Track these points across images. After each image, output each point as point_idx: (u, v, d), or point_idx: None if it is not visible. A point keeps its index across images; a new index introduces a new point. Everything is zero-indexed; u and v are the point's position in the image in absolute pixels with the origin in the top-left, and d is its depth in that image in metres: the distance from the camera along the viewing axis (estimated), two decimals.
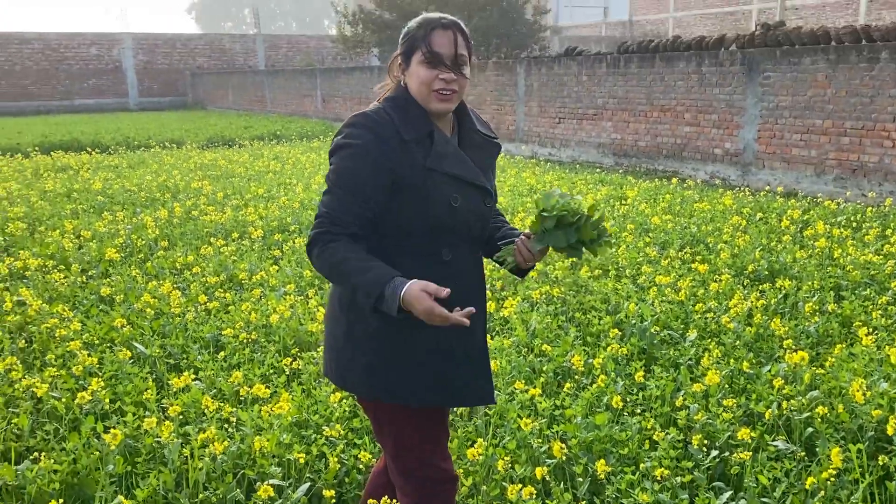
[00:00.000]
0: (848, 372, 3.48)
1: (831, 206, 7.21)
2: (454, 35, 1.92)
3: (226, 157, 12.91)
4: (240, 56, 35.25)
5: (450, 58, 1.91)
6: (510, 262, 2.05)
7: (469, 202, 1.96)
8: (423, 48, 1.91)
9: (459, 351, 2.00)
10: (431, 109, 1.95)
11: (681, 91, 10.76)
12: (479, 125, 2.10)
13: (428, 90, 1.92)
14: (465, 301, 1.93)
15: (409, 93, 1.96)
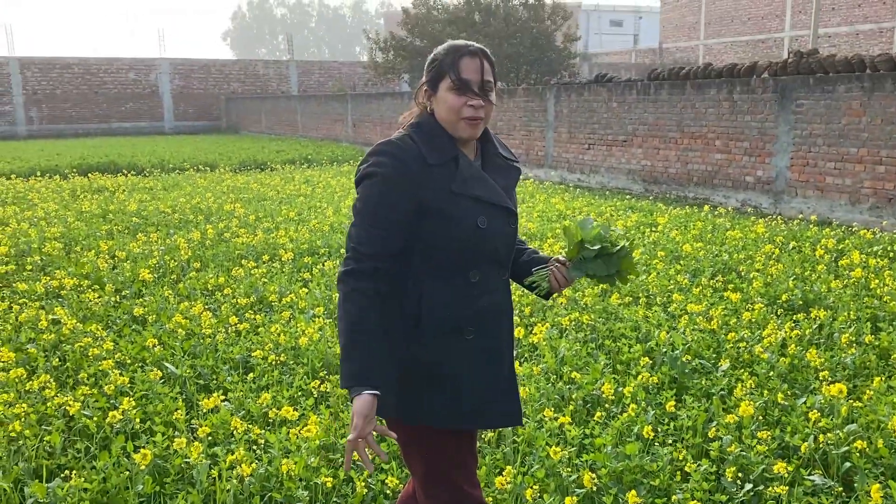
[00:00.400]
0: (887, 405, 3.40)
1: (867, 235, 7.09)
2: (481, 62, 1.94)
3: (258, 181, 13.09)
4: (273, 81, 35.89)
5: (477, 84, 1.93)
6: (544, 287, 2.07)
7: (495, 224, 1.97)
8: (451, 75, 1.92)
9: (488, 374, 1.99)
10: (459, 136, 1.96)
11: (712, 118, 10.70)
12: (500, 149, 2.12)
13: (457, 117, 1.93)
14: (494, 322, 1.98)
15: (435, 119, 1.97)
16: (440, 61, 1.95)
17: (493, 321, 1.99)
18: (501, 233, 2.00)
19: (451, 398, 1.94)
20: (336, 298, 5.37)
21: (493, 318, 1.99)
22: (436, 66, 1.96)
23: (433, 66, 1.97)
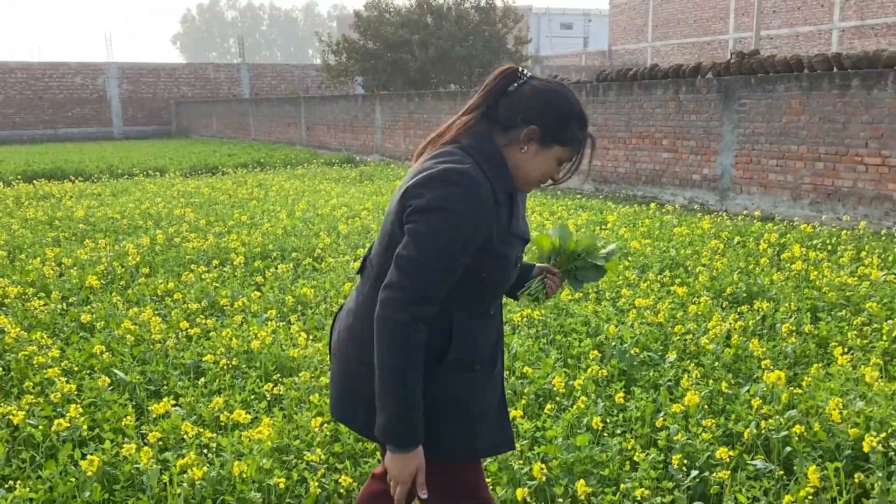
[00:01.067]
0: (825, 391, 3.53)
1: (807, 229, 7.32)
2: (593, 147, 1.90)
3: (209, 185, 12.92)
4: (224, 85, 35.42)
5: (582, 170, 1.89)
6: (542, 298, 2.11)
7: (519, 258, 1.93)
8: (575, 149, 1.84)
9: (494, 402, 1.96)
10: (519, 187, 1.86)
11: (659, 118, 10.92)
12: None
13: (538, 181, 1.86)
14: (499, 352, 1.98)
15: (499, 149, 1.82)
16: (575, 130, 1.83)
17: (499, 350, 1.97)
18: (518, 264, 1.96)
19: (467, 431, 1.88)
20: (290, 302, 5.36)
21: (500, 348, 1.97)
22: (567, 130, 1.83)
23: (564, 125, 1.82)
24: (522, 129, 1.80)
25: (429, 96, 16.94)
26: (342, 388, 1.97)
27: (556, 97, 1.82)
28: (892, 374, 3.92)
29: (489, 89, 1.85)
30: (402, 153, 17.78)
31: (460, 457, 1.91)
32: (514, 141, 1.81)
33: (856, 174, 8.45)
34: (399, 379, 1.71)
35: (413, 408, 1.72)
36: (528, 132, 1.80)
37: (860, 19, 28.75)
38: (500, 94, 1.84)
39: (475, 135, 1.84)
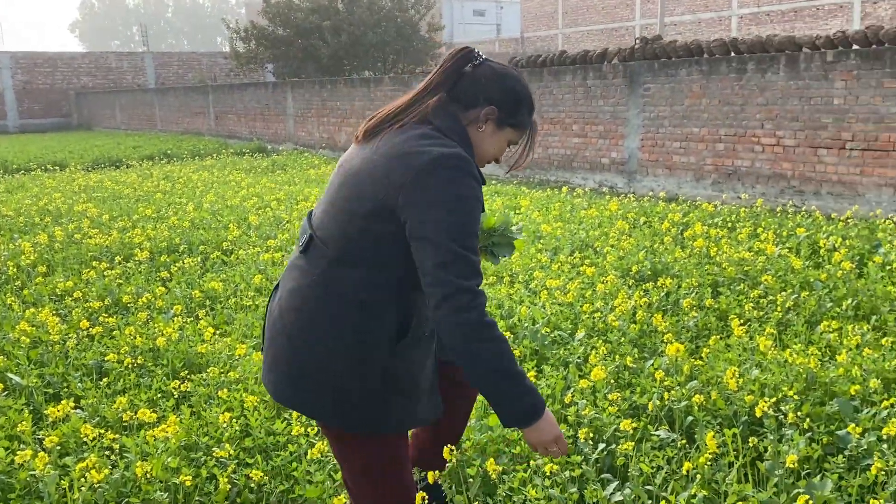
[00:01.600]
0: (724, 362, 3.69)
1: (709, 208, 7.62)
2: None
3: (113, 179, 12.41)
4: (128, 74, 34.03)
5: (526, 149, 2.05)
6: None
7: None
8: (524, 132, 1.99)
9: (430, 373, 2.01)
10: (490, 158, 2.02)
11: (568, 104, 11.14)
12: None
13: (491, 159, 1.99)
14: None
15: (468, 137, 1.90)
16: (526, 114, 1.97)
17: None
18: None
19: (413, 402, 1.93)
20: (198, 297, 5.21)
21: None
22: (521, 114, 1.95)
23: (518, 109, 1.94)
24: (482, 109, 1.89)
25: (342, 83, 16.74)
26: (295, 375, 1.90)
27: (515, 81, 1.92)
28: (786, 343, 4.13)
29: (446, 69, 1.90)
30: (315, 141, 17.52)
31: (403, 428, 1.96)
32: (473, 120, 1.90)
33: (753, 154, 8.84)
34: (505, 370, 1.76)
35: (522, 385, 1.79)
36: (487, 112, 1.89)
37: (757, 6, 30.05)
38: (457, 75, 1.90)
39: (446, 115, 1.87)
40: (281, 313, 1.93)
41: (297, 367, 1.89)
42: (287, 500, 2.89)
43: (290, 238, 6.95)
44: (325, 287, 1.85)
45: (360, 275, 1.81)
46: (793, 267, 5.26)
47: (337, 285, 1.84)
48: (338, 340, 1.84)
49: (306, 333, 1.87)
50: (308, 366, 1.88)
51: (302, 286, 1.89)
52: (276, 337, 1.94)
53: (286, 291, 1.94)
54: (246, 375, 3.80)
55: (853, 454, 2.88)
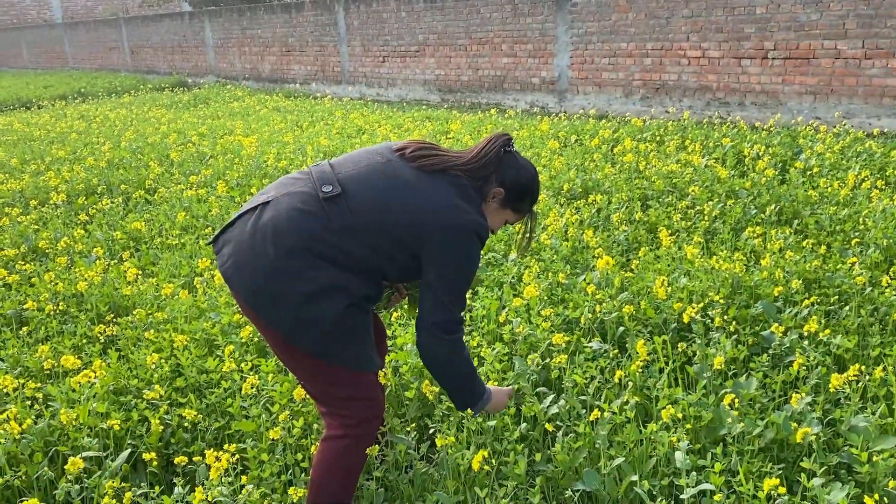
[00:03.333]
0: (653, 272, 3.75)
1: (638, 123, 7.66)
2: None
3: (22, 121, 11.74)
4: (31, 9, 31.83)
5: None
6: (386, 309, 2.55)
7: None
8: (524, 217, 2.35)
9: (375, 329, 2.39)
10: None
11: (496, 23, 10.92)
12: None
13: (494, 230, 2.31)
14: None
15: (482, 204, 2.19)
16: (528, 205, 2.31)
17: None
18: None
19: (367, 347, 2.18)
20: (121, 238, 5.00)
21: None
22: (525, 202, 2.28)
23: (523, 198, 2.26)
24: (493, 187, 2.19)
25: (262, 10, 16.02)
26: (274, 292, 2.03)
27: (529, 177, 2.25)
28: (713, 251, 4.23)
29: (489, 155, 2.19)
30: (237, 72, 16.87)
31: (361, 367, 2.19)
32: (486, 194, 2.19)
33: (680, 67, 8.88)
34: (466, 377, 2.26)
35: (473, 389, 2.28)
36: (495, 192, 2.20)
37: None
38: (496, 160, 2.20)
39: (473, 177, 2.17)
40: (276, 230, 2.02)
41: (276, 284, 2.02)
42: (223, 437, 2.85)
43: (213, 174, 6.71)
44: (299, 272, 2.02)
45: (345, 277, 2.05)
46: (719, 177, 5.35)
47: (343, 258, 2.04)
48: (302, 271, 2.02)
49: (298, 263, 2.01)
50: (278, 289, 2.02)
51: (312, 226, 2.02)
52: (260, 246, 2.03)
53: (289, 211, 2.04)
54: (174, 315, 3.69)
55: (776, 353, 2.98)
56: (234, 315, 3.59)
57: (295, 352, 2.13)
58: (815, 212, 4.67)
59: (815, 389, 2.76)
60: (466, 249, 2.10)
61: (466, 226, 2.07)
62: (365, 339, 2.16)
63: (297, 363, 2.18)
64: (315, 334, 2.06)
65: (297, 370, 2.21)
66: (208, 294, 3.92)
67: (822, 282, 3.61)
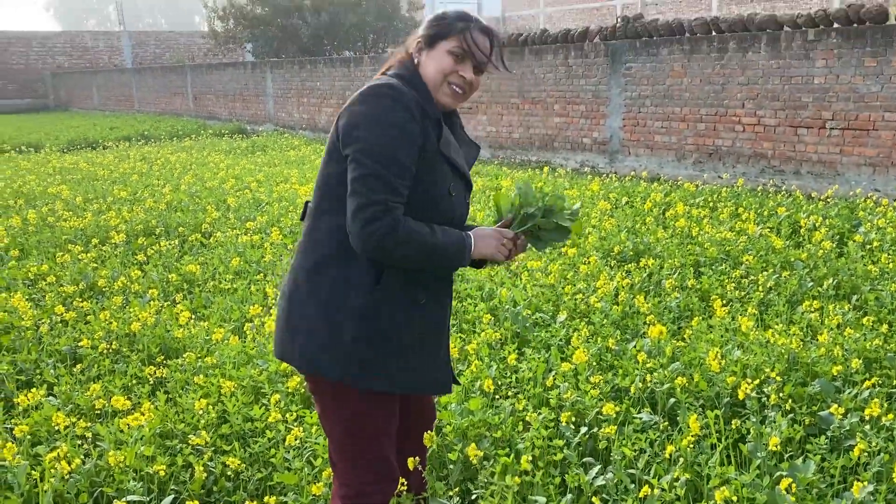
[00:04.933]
0: (706, 343, 3.67)
1: (690, 188, 7.61)
2: (491, 41, 1.94)
3: (88, 160, 12.19)
4: (104, 54, 33.42)
5: (480, 60, 1.92)
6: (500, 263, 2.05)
7: (459, 195, 1.98)
8: (458, 40, 1.90)
9: (434, 342, 2.00)
10: (439, 100, 1.92)
11: (550, 83, 11.05)
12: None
13: (443, 79, 1.91)
14: (444, 292, 2.01)
15: (419, 76, 1.92)
16: (449, 23, 1.93)
17: (443, 291, 2.00)
18: (461, 203, 1.99)
19: (396, 362, 1.92)
20: (175, 280, 5.11)
21: (444, 288, 2.00)
22: (443, 26, 1.92)
23: (439, 25, 1.93)
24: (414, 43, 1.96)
25: (322, 63, 16.52)
26: (283, 328, 1.98)
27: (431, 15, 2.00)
28: (768, 323, 4.12)
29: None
30: (295, 122, 17.32)
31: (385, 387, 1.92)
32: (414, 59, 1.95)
33: (734, 134, 8.83)
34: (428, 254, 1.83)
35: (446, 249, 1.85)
36: (416, 44, 1.95)
37: None
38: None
39: (398, 65, 1.98)
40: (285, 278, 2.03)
41: (284, 320, 1.97)
42: (265, 488, 2.85)
43: (268, 220, 6.85)
44: (307, 238, 1.95)
45: (334, 221, 1.87)
46: (774, 247, 5.25)
47: (315, 233, 1.92)
48: (316, 286, 1.91)
49: (292, 285, 1.96)
50: (293, 317, 1.95)
51: (296, 246, 2.02)
52: (280, 299, 2.03)
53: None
54: (223, 360, 3.73)
55: (835, 435, 2.87)
56: (281, 364, 3.62)
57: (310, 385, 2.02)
58: (875, 288, 4.54)
59: (877, 477, 2.64)
60: (375, 107, 1.81)
61: (373, 88, 1.84)
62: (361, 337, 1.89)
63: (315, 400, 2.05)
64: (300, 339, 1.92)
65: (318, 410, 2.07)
66: (257, 340, 3.96)
67: (883, 362, 3.48)
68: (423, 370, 1.99)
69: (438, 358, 2.03)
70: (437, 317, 2.00)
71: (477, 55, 1.92)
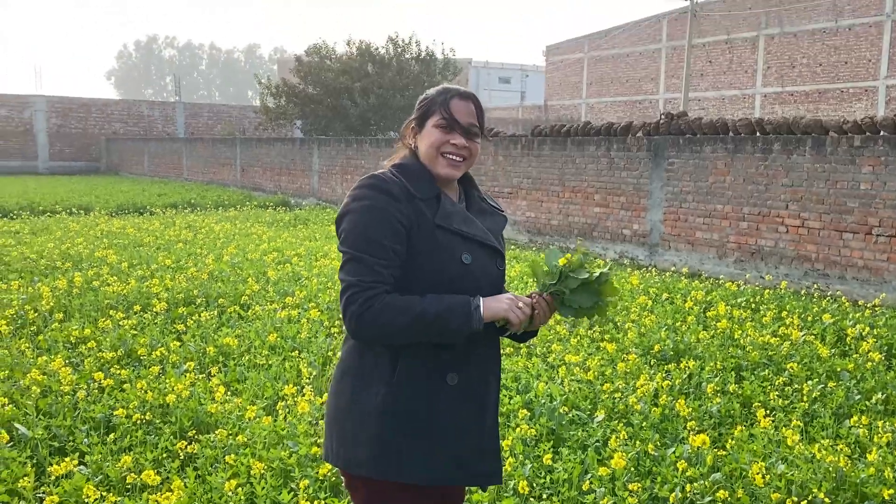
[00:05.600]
0: (748, 454, 3.55)
1: (732, 287, 7.51)
2: (472, 105, 1.99)
3: (135, 225, 12.53)
4: (158, 123, 34.80)
5: (465, 125, 1.96)
6: (525, 325, 1.94)
7: (480, 262, 1.95)
8: (440, 112, 1.96)
9: (470, 426, 1.92)
10: (438, 173, 1.97)
11: (591, 173, 11.17)
12: (486, 196, 2.15)
13: (436, 152, 1.96)
14: (479, 370, 1.94)
15: (418, 159, 1.99)
16: (430, 99, 2.00)
17: (477, 369, 1.94)
18: (486, 271, 1.96)
19: (429, 449, 1.85)
20: (212, 352, 5.15)
21: (478, 366, 1.94)
22: (426, 104, 2.00)
23: (423, 104, 2.01)
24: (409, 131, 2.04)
25: (367, 143, 16.96)
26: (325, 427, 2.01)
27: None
28: (813, 436, 3.98)
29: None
30: (338, 197, 17.66)
31: (415, 477, 1.85)
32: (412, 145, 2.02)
33: (777, 234, 8.76)
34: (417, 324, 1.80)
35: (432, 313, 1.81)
36: (411, 132, 2.02)
37: (780, 86, 30.38)
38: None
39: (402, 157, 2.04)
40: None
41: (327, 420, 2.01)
42: None
43: (307, 295, 6.91)
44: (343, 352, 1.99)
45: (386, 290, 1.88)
46: (819, 355, 5.12)
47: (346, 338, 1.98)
48: (336, 382, 1.96)
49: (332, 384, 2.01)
50: (327, 415, 1.99)
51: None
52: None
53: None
54: (254, 440, 3.70)
55: None
56: (311, 447, 3.58)
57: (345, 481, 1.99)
58: None
59: None
60: (354, 200, 1.89)
61: (358, 182, 1.93)
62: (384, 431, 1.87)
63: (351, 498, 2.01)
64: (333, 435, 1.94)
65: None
66: (289, 420, 3.93)
67: None
68: (462, 459, 1.90)
69: (481, 444, 1.94)
70: (475, 398, 1.92)
71: (461, 121, 1.96)
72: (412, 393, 1.85)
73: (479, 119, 1.99)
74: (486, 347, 1.97)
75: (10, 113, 31.61)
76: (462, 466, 1.90)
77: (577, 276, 1.96)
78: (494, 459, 1.98)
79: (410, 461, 1.84)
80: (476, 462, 1.93)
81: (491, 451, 1.97)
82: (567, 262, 1.97)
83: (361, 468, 1.86)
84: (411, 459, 1.84)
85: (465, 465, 1.90)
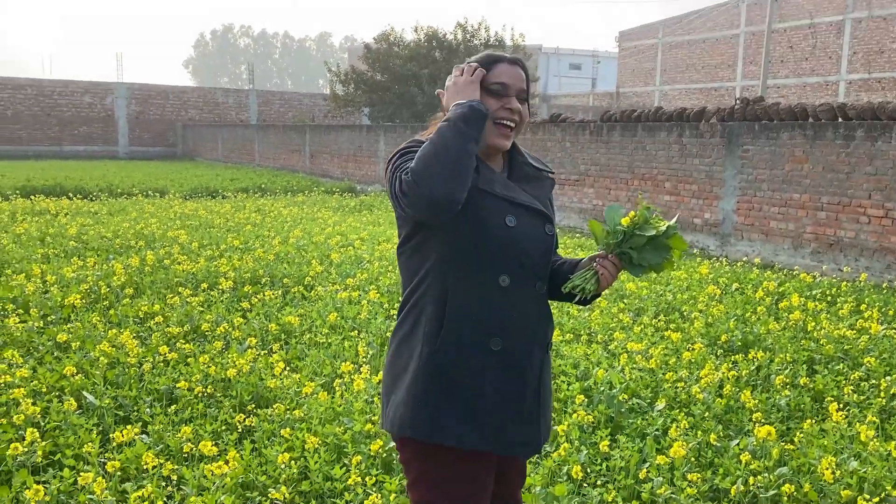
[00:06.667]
0: (818, 449, 3.38)
1: (807, 279, 7.20)
2: (521, 70, 1.93)
3: (207, 208, 12.86)
4: (232, 110, 35.66)
5: (516, 90, 1.90)
6: (590, 289, 1.89)
7: (527, 226, 1.90)
8: (490, 78, 1.89)
9: (512, 393, 1.87)
10: (490, 143, 1.90)
11: (662, 160, 10.87)
12: (531, 160, 2.06)
13: (490, 120, 1.87)
14: (524, 337, 1.89)
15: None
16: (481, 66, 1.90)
17: (522, 335, 1.88)
18: (533, 235, 1.91)
19: (469, 414, 1.82)
20: (274, 330, 5.22)
21: (524, 332, 1.89)
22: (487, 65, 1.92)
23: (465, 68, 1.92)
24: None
25: None
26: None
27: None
28: (889, 434, 3.77)
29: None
30: None
31: (454, 441, 1.82)
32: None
33: (858, 225, 8.35)
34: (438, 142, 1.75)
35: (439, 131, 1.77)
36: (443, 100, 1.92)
37: (867, 72, 28.96)
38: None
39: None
40: None
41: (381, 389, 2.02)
42: None
43: (368, 278, 6.95)
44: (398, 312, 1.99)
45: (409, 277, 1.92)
46: None
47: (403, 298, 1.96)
48: (395, 348, 1.94)
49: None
50: (383, 384, 1.99)
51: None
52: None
53: None
54: (311, 415, 3.74)
55: None
56: (365, 424, 3.58)
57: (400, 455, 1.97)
58: None
59: None
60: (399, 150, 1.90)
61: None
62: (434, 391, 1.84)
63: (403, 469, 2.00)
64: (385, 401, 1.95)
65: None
66: (345, 398, 3.95)
67: None
68: (499, 426, 1.85)
69: (521, 414, 1.88)
70: (516, 366, 1.87)
71: (511, 87, 1.90)
72: (455, 356, 1.83)
73: (528, 84, 1.94)
74: (530, 308, 1.91)
75: (93, 100, 32.92)
76: (498, 434, 1.85)
77: (644, 234, 1.88)
78: (534, 430, 1.93)
79: (447, 425, 1.82)
80: (514, 431, 1.88)
81: (530, 422, 1.91)
82: (631, 220, 1.88)
83: (404, 429, 1.86)
84: (448, 423, 1.82)
85: (502, 433, 1.86)
